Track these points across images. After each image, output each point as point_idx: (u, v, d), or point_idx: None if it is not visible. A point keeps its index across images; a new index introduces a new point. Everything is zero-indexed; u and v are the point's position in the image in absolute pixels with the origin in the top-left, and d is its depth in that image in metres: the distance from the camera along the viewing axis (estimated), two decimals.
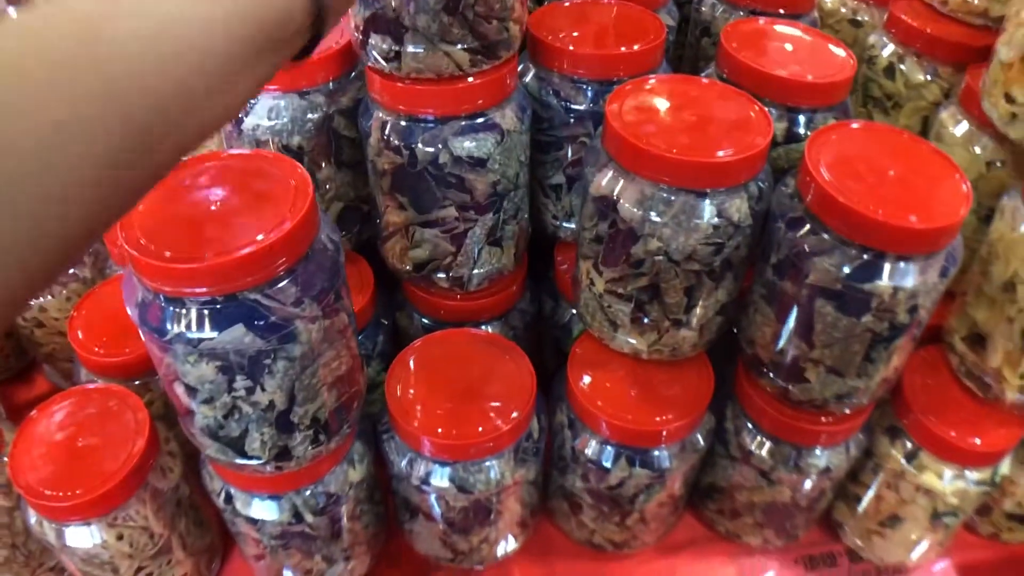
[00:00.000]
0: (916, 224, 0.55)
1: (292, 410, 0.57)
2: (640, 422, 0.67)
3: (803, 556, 0.82)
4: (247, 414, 0.56)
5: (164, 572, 0.71)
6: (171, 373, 0.56)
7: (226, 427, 0.57)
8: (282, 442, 0.59)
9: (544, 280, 0.86)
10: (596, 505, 0.74)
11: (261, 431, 0.58)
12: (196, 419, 0.58)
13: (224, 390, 0.54)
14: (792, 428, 0.70)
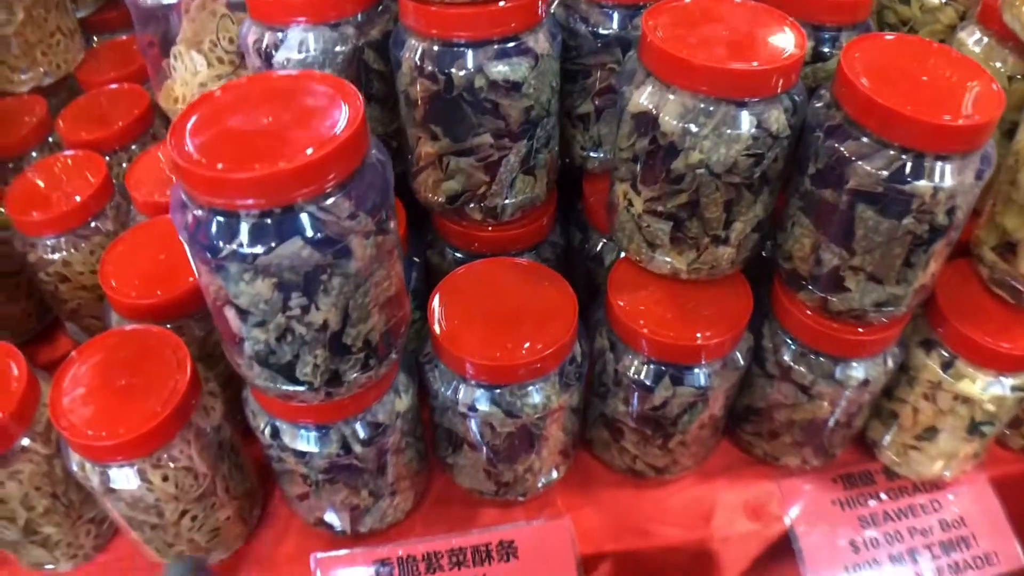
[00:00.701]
0: (955, 122, 0.56)
1: (345, 331, 0.57)
2: (682, 339, 0.68)
3: (841, 475, 0.83)
4: (300, 336, 0.56)
5: (208, 515, 0.71)
6: (222, 297, 0.55)
7: (278, 352, 0.57)
8: (334, 366, 0.59)
9: (573, 213, 0.86)
10: (638, 429, 0.75)
11: (314, 354, 0.57)
12: (246, 346, 0.58)
13: (279, 310, 0.54)
14: (831, 340, 0.71)
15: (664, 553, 0.77)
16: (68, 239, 0.87)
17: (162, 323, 0.73)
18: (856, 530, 0.80)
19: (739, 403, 0.81)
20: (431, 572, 0.72)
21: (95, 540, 0.77)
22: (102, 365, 0.69)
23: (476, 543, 0.72)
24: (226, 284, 0.53)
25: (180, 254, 0.76)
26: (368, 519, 0.74)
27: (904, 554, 0.80)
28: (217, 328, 0.60)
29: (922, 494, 0.83)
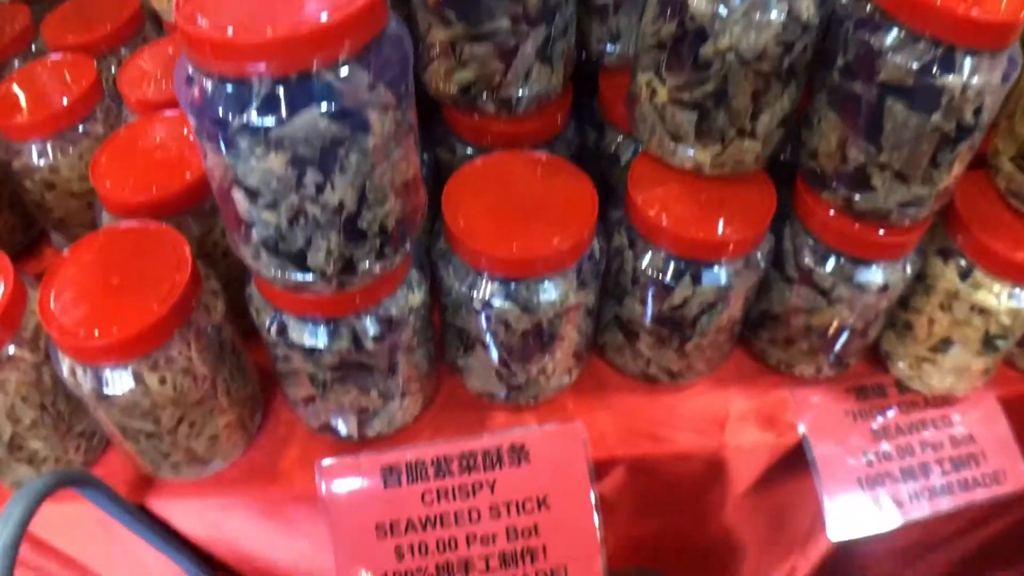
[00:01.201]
0: (986, 16, 0.55)
1: (361, 214, 0.54)
2: (704, 234, 0.66)
3: (854, 387, 0.82)
4: (314, 218, 0.53)
5: (207, 422, 0.69)
6: (229, 179, 0.52)
7: (289, 238, 0.54)
8: (348, 253, 0.56)
9: (587, 112, 0.83)
10: (655, 331, 0.73)
11: (327, 238, 0.54)
12: (254, 232, 0.55)
13: (291, 188, 0.51)
14: (853, 240, 0.69)
15: (677, 460, 0.76)
16: (55, 144, 0.83)
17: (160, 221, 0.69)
18: (869, 442, 0.80)
19: (755, 309, 0.79)
20: (440, 477, 0.70)
21: (84, 456, 0.74)
22: (95, 264, 0.65)
23: (487, 447, 0.71)
24: (235, 162, 0.50)
25: (176, 151, 0.74)
26: (376, 423, 0.73)
27: (916, 468, 0.80)
28: (222, 216, 0.58)
29: (933, 409, 0.83)
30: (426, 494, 0.70)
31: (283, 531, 0.77)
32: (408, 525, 0.69)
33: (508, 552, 0.70)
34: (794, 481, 0.82)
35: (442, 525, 0.70)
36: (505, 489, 0.70)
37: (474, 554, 0.70)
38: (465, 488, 0.70)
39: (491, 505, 0.70)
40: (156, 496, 0.73)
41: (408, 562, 0.69)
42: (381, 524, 0.69)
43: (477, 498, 0.70)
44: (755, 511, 0.86)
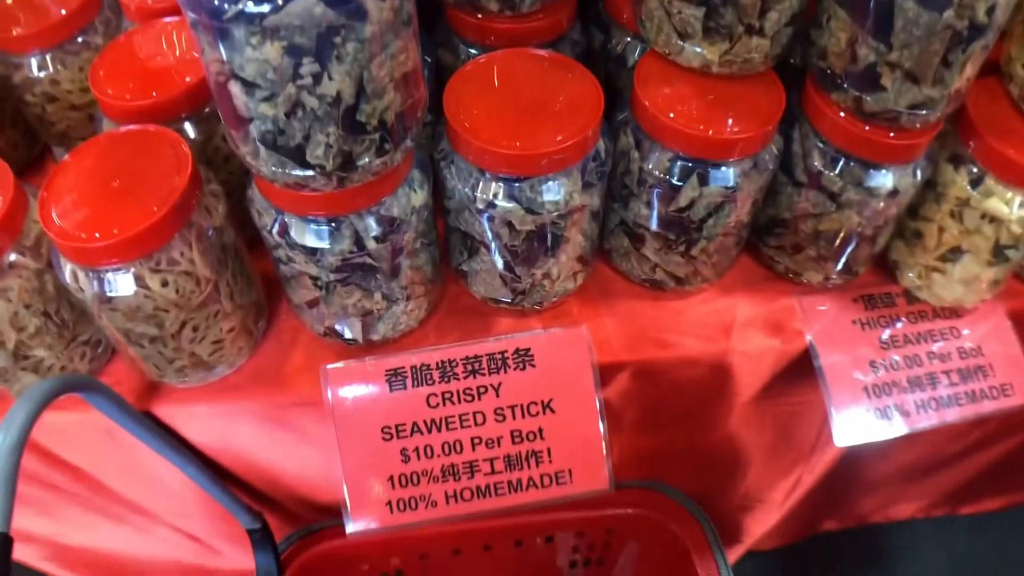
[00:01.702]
0: None
1: (359, 107, 0.53)
2: (712, 131, 0.64)
3: (862, 295, 0.81)
4: (312, 110, 0.52)
5: (211, 326, 0.69)
6: (226, 72, 0.51)
7: (287, 131, 0.53)
8: (347, 147, 0.55)
9: (592, 13, 0.81)
10: (661, 234, 0.72)
11: (326, 132, 0.53)
12: (252, 128, 0.54)
13: (288, 79, 0.50)
14: (864, 142, 0.67)
15: (682, 365, 0.76)
16: (55, 55, 0.82)
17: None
18: (876, 351, 0.79)
19: (763, 215, 0.78)
20: (445, 381, 0.70)
21: (90, 364, 0.75)
22: (95, 169, 0.65)
23: (492, 351, 0.70)
24: (231, 54, 0.49)
25: (176, 58, 0.73)
26: (381, 327, 0.72)
27: (923, 378, 0.79)
28: (221, 114, 0.57)
29: (941, 320, 0.82)
30: (431, 397, 0.70)
31: (289, 436, 0.78)
32: (413, 428, 0.70)
33: (513, 455, 0.71)
34: (800, 391, 0.83)
35: (447, 428, 0.70)
36: (510, 393, 0.70)
37: (479, 456, 0.70)
38: (470, 391, 0.70)
39: (496, 408, 0.70)
40: (162, 402, 0.74)
41: (414, 464, 0.70)
42: (387, 427, 0.70)
43: (482, 401, 0.70)
44: (761, 421, 0.86)
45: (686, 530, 0.93)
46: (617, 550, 1.04)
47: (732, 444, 0.90)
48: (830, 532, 1.28)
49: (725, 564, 0.91)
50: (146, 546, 1.07)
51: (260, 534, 0.90)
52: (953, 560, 1.46)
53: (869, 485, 1.17)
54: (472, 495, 0.70)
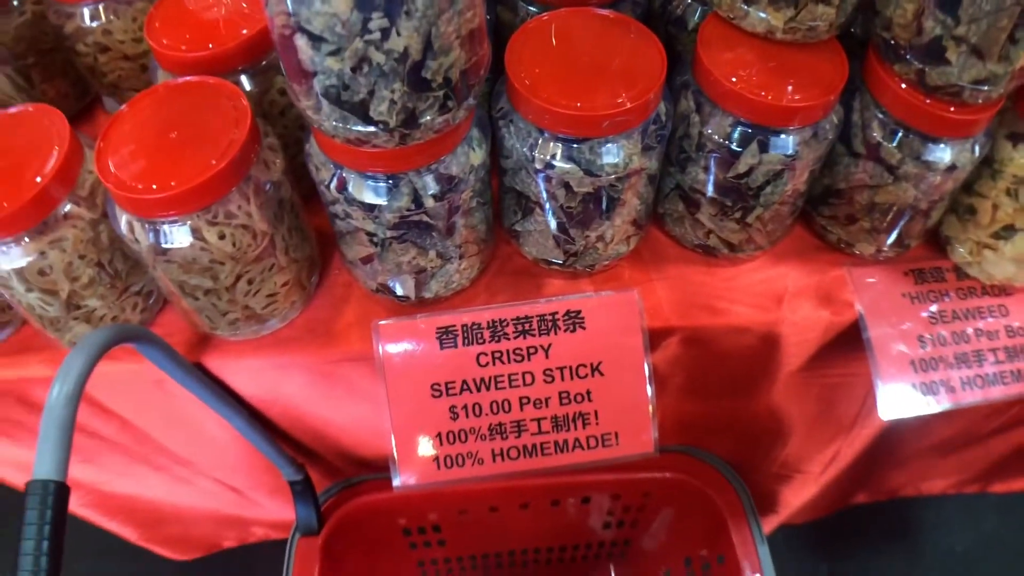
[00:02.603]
0: None
1: (425, 63, 0.53)
2: (774, 99, 0.64)
3: (912, 269, 0.80)
4: (378, 65, 0.52)
5: (265, 279, 0.69)
6: (291, 24, 0.51)
7: (352, 86, 0.53)
8: (411, 104, 0.55)
9: None
10: (718, 200, 0.72)
11: (391, 88, 0.53)
12: (316, 82, 0.54)
13: (356, 33, 0.50)
14: (924, 115, 0.66)
15: (732, 332, 0.76)
16: (108, 5, 0.82)
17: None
18: (925, 326, 0.78)
19: (818, 185, 0.77)
20: (495, 340, 0.70)
21: (142, 315, 0.75)
22: (152, 120, 0.65)
23: (542, 312, 0.71)
24: (298, 6, 0.49)
25: (232, 8, 0.73)
26: (433, 284, 0.73)
27: (970, 355, 0.79)
28: (283, 67, 0.56)
29: (990, 297, 0.81)
30: (481, 356, 0.71)
31: (338, 391, 0.79)
32: (463, 386, 0.71)
33: (560, 416, 0.71)
34: (845, 363, 0.82)
35: (496, 387, 0.71)
36: (559, 354, 0.71)
37: (527, 416, 0.71)
38: (520, 352, 0.71)
39: (545, 369, 0.71)
40: (213, 355, 0.75)
41: (463, 422, 0.71)
42: (436, 384, 0.70)
43: (531, 362, 0.71)
44: (805, 391, 0.86)
45: (722, 496, 0.94)
46: (652, 513, 1.05)
47: (774, 414, 0.90)
48: (860, 505, 1.29)
49: (760, 531, 0.92)
50: (186, 496, 1.09)
51: (301, 486, 0.92)
52: (981, 538, 1.47)
53: (903, 459, 1.17)
54: (519, 454, 0.71)
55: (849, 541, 1.44)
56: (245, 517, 1.20)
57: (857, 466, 1.08)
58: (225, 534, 1.31)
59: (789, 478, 1.05)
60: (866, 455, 1.04)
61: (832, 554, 1.44)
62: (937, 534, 1.47)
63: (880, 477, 1.24)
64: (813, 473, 1.05)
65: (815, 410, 0.90)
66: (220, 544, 1.34)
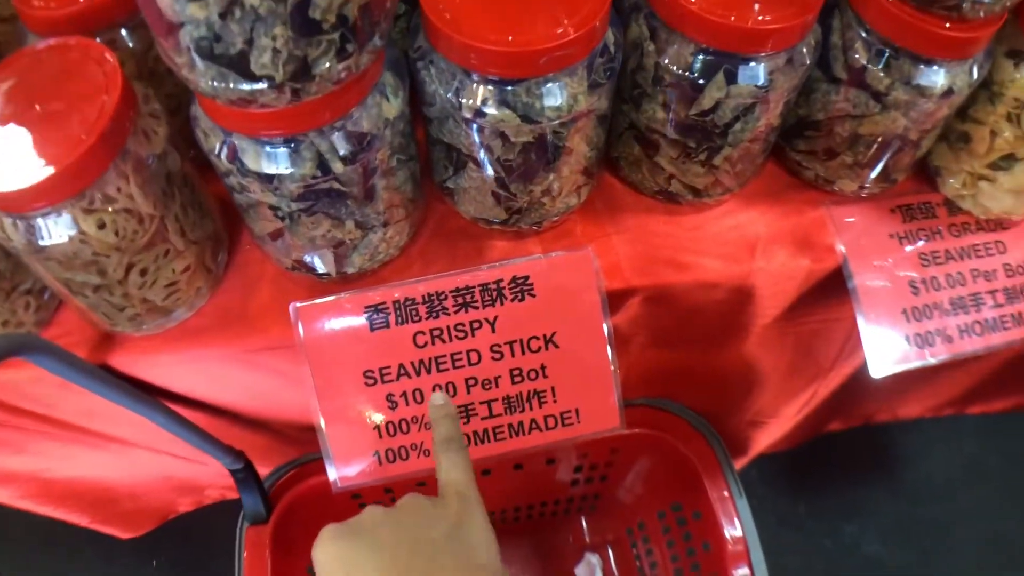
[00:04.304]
0: None
1: (311, 1, 0.43)
2: (742, 21, 0.54)
3: (900, 205, 0.72)
4: (252, 8, 0.42)
5: (161, 268, 0.60)
6: None
7: (225, 36, 0.43)
8: (300, 51, 0.45)
9: None
10: (679, 141, 0.63)
11: (272, 34, 0.43)
12: (184, 35, 0.44)
13: None
14: (916, 33, 0.58)
15: (700, 288, 0.68)
16: None
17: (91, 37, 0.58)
18: (916, 269, 0.71)
19: (792, 115, 0.68)
20: (433, 316, 0.61)
21: (36, 315, 0.66)
22: (12, 93, 0.55)
23: (485, 280, 0.62)
24: None
25: None
26: (356, 257, 0.63)
27: (967, 299, 0.72)
28: (147, 20, 0.46)
29: (985, 233, 0.74)
30: (418, 335, 0.62)
31: (265, 379, 0.71)
32: (400, 371, 0.62)
33: (513, 396, 0.63)
34: (826, 309, 0.75)
35: (438, 369, 0.62)
36: (507, 327, 0.62)
37: (475, 399, 0.63)
38: (462, 327, 0.62)
39: (492, 345, 0.62)
40: (118, 353, 0.66)
41: (402, 411, 0.62)
42: (369, 371, 0.62)
43: (476, 338, 0.62)
44: (781, 341, 0.79)
45: (694, 448, 0.88)
46: (622, 468, 0.99)
47: (748, 364, 0.82)
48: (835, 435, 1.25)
49: (737, 484, 0.86)
50: (133, 470, 1.02)
51: (243, 474, 0.84)
52: (961, 463, 1.45)
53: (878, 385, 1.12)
54: (469, 441, 0.63)
55: (826, 475, 1.41)
56: (199, 482, 1.14)
57: (832, 399, 1.02)
58: (180, 500, 1.26)
59: (764, 423, 0.99)
60: (841, 387, 0.99)
61: (809, 490, 1.41)
62: (916, 463, 1.45)
63: (854, 404, 1.19)
64: (789, 415, 0.99)
65: (792, 357, 0.83)
66: (175, 510, 1.28)
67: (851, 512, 1.38)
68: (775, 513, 1.36)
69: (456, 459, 0.52)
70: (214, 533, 1.06)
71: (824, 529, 1.37)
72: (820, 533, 1.36)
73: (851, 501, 1.39)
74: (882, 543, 1.35)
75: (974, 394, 1.19)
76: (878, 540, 1.36)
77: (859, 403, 1.18)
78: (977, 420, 1.26)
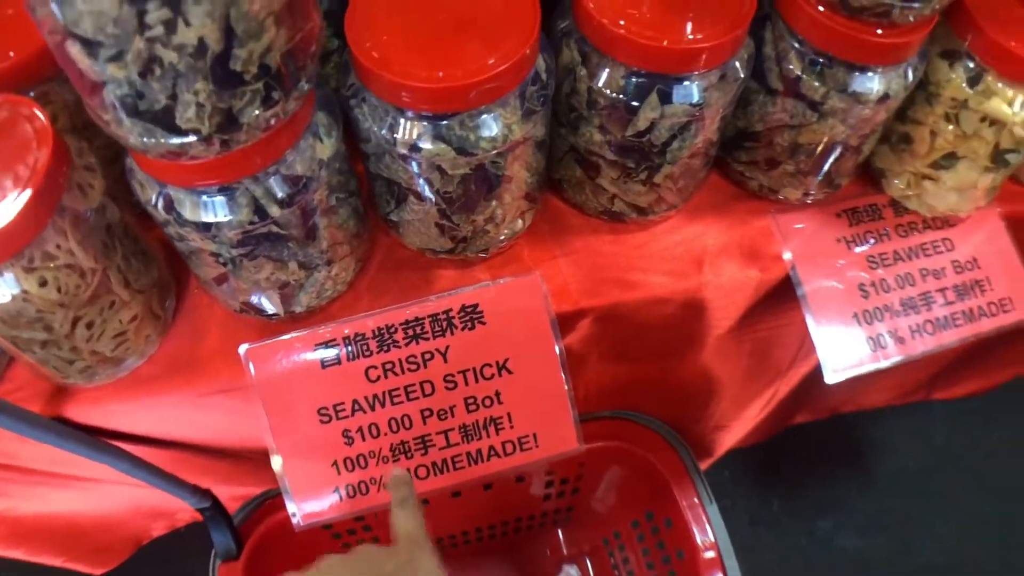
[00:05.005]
0: None
1: (231, 53, 0.42)
2: (673, 41, 0.54)
3: (846, 209, 0.72)
4: (171, 65, 0.41)
5: (108, 319, 0.59)
6: (60, 29, 0.40)
7: (147, 92, 0.42)
8: (224, 103, 0.44)
9: None
10: (618, 161, 0.62)
11: (194, 89, 0.43)
12: (107, 92, 0.43)
13: (134, 31, 0.39)
14: (848, 42, 0.58)
15: (650, 305, 0.68)
16: None
17: (24, 93, 0.58)
18: (865, 271, 0.71)
19: (732, 128, 0.68)
20: (384, 350, 0.61)
21: None
22: None
23: (434, 311, 0.61)
24: (61, 7, 0.39)
25: None
26: (303, 296, 0.63)
27: (917, 299, 0.72)
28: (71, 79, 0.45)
29: (932, 231, 0.75)
30: (370, 370, 0.61)
31: (223, 421, 0.70)
32: (354, 406, 0.62)
33: (469, 424, 0.63)
34: (779, 315, 0.75)
35: (392, 403, 0.62)
36: (460, 356, 0.62)
37: (432, 430, 0.63)
38: (414, 359, 0.62)
39: (445, 375, 0.62)
40: (72, 405, 0.65)
41: (359, 446, 0.62)
42: (324, 408, 0.61)
43: (429, 369, 0.62)
44: (737, 349, 0.79)
45: (661, 457, 0.87)
46: (592, 480, 0.98)
47: (707, 373, 0.82)
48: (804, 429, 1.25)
49: (706, 490, 0.86)
50: (102, 502, 1.01)
51: (211, 511, 0.83)
52: (929, 450, 1.45)
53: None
54: (428, 472, 0.63)
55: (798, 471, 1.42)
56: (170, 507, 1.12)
57: (794, 396, 1.03)
58: (152, 526, 1.24)
59: (727, 426, 0.99)
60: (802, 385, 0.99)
61: (781, 487, 1.41)
62: (887, 453, 1.45)
63: (819, 397, 1.19)
64: (751, 416, 0.99)
65: (748, 363, 0.84)
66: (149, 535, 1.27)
67: (825, 507, 1.38)
68: (748, 512, 1.36)
69: (409, 515, 0.56)
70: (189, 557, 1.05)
71: (799, 526, 1.37)
72: (795, 530, 1.36)
73: (824, 496, 1.39)
74: (858, 536, 1.36)
75: (939, 379, 1.19)
76: (854, 534, 1.36)
77: (824, 397, 1.19)
78: (945, 407, 1.27)
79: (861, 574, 1.32)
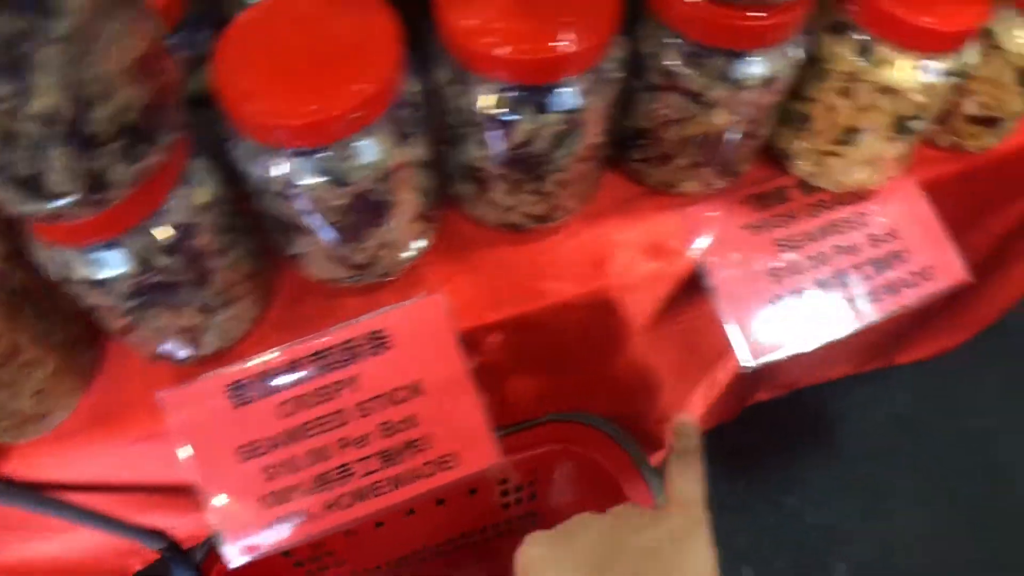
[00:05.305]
0: None
1: (85, 117, 0.43)
2: (541, 50, 0.54)
3: (750, 196, 0.73)
4: (29, 134, 0.42)
5: (23, 379, 0.59)
6: None
7: (12, 163, 0.43)
8: (88, 164, 0.45)
9: None
10: (505, 175, 0.63)
11: (56, 156, 0.43)
12: None
13: None
14: (722, 29, 0.58)
15: (558, 312, 0.68)
16: None
17: None
18: (774, 256, 0.71)
19: (620, 126, 0.68)
20: (295, 384, 0.61)
21: None
22: None
23: (339, 340, 0.62)
24: None
25: None
26: (209, 338, 0.63)
27: (832, 278, 0.72)
28: None
29: (845, 207, 0.74)
30: (283, 405, 0.62)
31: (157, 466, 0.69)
32: (270, 443, 0.62)
33: (388, 449, 0.63)
34: (699, 304, 0.75)
35: (308, 435, 0.62)
36: (371, 382, 0.63)
37: (351, 458, 0.63)
38: (325, 390, 0.62)
39: (358, 403, 0.62)
40: (5, 463, 0.65)
41: (281, 481, 0.62)
42: (241, 447, 0.62)
43: (342, 398, 0.62)
44: (662, 343, 0.80)
45: (608, 454, 0.88)
46: (546, 484, 0.99)
47: (638, 370, 0.83)
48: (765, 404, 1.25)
49: (657, 480, 0.87)
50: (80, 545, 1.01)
51: (170, 552, 0.84)
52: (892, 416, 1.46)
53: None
54: (352, 500, 0.63)
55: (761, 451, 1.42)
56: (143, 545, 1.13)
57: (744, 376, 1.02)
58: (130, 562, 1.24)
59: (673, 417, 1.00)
60: None
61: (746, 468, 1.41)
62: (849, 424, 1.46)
63: (775, 375, 1.19)
64: (697, 404, 0.99)
65: (678, 355, 0.84)
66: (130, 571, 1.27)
67: (791, 483, 1.38)
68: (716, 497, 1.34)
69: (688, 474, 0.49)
70: None
71: (766, 507, 1.37)
72: (763, 510, 1.37)
73: (790, 472, 1.39)
74: (827, 509, 1.36)
75: (902, 342, 1.19)
76: (823, 507, 1.36)
77: (780, 374, 1.19)
78: (905, 373, 1.27)
79: (832, 546, 1.33)
